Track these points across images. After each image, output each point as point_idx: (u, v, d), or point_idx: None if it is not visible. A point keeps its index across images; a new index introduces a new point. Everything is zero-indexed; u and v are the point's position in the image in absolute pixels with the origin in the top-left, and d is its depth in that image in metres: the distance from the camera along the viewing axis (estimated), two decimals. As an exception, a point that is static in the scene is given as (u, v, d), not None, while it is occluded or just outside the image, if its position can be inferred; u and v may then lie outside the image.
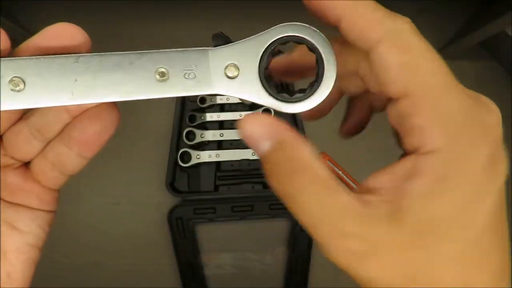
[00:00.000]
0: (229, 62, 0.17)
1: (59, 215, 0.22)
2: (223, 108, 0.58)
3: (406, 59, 0.15)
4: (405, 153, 0.16)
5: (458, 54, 0.60)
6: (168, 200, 0.55)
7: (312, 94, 0.17)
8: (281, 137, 0.16)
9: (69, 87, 0.15)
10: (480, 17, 0.56)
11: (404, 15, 0.17)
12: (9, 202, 0.19)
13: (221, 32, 0.17)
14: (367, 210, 0.15)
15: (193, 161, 0.54)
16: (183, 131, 0.55)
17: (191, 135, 0.55)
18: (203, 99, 0.56)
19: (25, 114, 0.18)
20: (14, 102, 0.15)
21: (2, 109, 0.15)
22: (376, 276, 0.14)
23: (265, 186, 0.55)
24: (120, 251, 0.55)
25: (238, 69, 0.16)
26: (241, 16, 0.62)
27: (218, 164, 0.56)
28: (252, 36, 0.17)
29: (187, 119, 0.56)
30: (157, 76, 0.16)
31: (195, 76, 0.16)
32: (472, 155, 0.14)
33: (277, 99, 0.17)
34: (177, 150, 0.55)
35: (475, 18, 0.59)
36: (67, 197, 0.55)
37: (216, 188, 0.56)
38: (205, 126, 0.57)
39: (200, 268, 0.54)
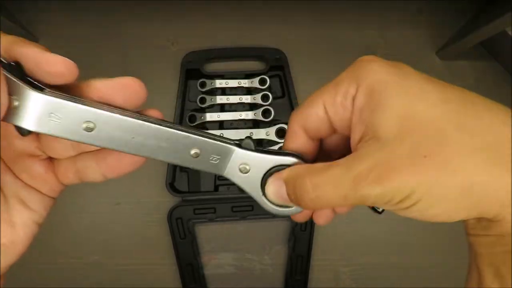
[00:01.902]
0: (244, 162, 0.22)
1: (59, 215, 0.23)
2: (223, 108, 0.58)
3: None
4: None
5: (458, 54, 0.60)
6: (168, 200, 0.55)
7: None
8: (284, 177, 0.22)
9: (127, 142, 0.19)
10: (480, 17, 0.56)
11: (404, 15, 0.17)
12: (26, 184, 0.21)
13: (250, 138, 0.22)
14: (360, 153, 0.18)
15: (193, 161, 0.54)
16: (183, 131, 0.55)
17: (191, 135, 0.55)
18: (203, 99, 0.56)
19: None
20: (82, 138, 0.19)
21: (73, 139, 0.18)
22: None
23: (265, 186, 0.55)
24: (120, 251, 0.55)
25: (249, 171, 0.22)
26: (241, 16, 0.62)
27: (218, 164, 0.56)
28: (268, 152, 0.22)
29: (187, 119, 0.56)
30: (192, 153, 0.21)
31: (218, 162, 0.21)
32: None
33: (270, 202, 0.23)
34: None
35: (475, 18, 0.59)
36: (68, 197, 0.55)
37: (216, 188, 0.56)
38: (205, 126, 0.57)
39: (200, 268, 0.54)
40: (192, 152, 0.21)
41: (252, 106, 0.58)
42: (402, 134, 0.17)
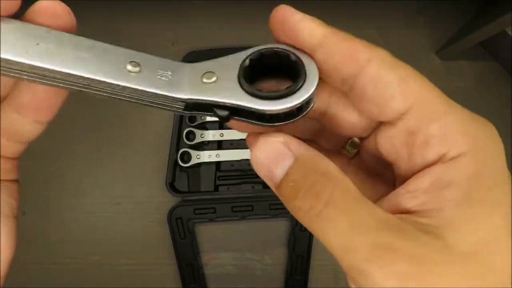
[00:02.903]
0: (207, 71, 0.16)
1: (59, 215, 0.22)
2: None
3: (402, 74, 0.15)
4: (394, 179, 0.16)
5: (458, 54, 0.59)
6: (168, 200, 0.55)
7: (297, 89, 0.15)
8: (300, 153, 0.15)
9: (26, 48, 0.15)
10: (480, 17, 0.56)
11: (404, 15, 0.17)
12: None
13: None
14: (406, 225, 0.13)
15: (193, 161, 0.54)
16: (183, 131, 0.55)
17: (191, 135, 0.55)
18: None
19: None
20: None
21: None
22: None
23: (265, 186, 0.55)
24: (120, 251, 0.55)
25: (216, 75, 0.16)
26: (241, 16, 0.62)
27: (218, 164, 0.56)
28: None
29: (187, 119, 0.56)
30: (129, 67, 0.15)
31: (169, 79, 0.16)
32: (495, 155, 0.14)
33: (257, 96, 0.15)
34: (177, 150, 0.55)
35: (475, 18, 0.59)
36: (68, 197, 0.55)
37: (216, 188, 0.55)
38: (205, 126, 0.57)
39: (200, 268, 0.54)
40: (130, 64, 0.15)
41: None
42: (473, 260, 0.13)
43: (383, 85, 0.15)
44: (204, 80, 0.16)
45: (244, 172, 0.55)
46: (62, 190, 0.55)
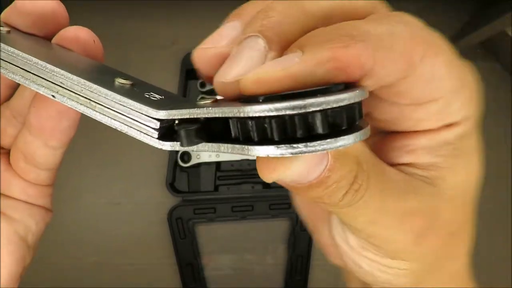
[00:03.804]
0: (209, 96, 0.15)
1: (59, 215, 0.21)
2: (223, 108, 0.58)
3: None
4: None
5: (458, 54, 0.59)
6: (168, 200, 0.55)
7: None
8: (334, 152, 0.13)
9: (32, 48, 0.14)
10: (480, 17, 0.56)
11: None
12: None
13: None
14: (415, 181, 0.15)
15: (193, 161, 0.54)
16: (183, 131, 0.55)
17: (191, 135, 0.55)
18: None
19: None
20: None
21: None
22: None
23: (265, 186, 0.55)
24: (120, 251, 0.55)
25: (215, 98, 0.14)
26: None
27: (218, 164, 0.56)
28: None
29: (187, 119, 0.56)
30: (121, 80, 0.14)
31: (157, 98, 0.14)
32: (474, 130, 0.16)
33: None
34: (177, 150, 0.55)
35: (475, 18, 0.59)
36: (67, 197, 0.55)
37: (216, 188, 0.55)
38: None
39: (200, 268, 0.54)
40: (121, 80, 0.14)
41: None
42: (456, 203, 0.16)
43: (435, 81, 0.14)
44: (199, 103, 0.14)
45: (244, 172, 0.55)
46: (62, 190, 0.55)
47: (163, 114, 0.13)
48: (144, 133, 0.14)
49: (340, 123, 0.11)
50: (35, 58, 0.14)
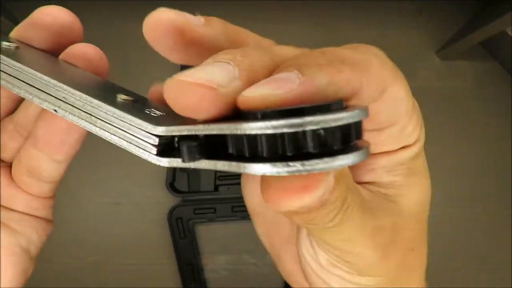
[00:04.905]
0: None
1: (58, 215, 0.21)
2: (223, 108, 0.58)
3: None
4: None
5: (458, 54, 0.59)
6: (168, 200, 0.55)
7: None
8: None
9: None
10: (480, 17, 0.56)
11: (404, 15, 0.17)
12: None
13: None
14: (381, 200, 0.16)
15: (193, 161, 0.54)
16: (183, 131, 0.55)
17: (191, 135, 0.55)
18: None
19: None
20: None
21: None
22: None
23: (265, 186, 0.55)
24: (120, 251, 0.55)
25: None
26: (240, 16, 0.62)
27: (218, 164, 0.56)
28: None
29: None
30: (122, 96, 0.15)
31: (158, 115, 0.15)
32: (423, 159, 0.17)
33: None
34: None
35: (475, 18, 0.59)
36: (67, 197, 0.55)
37: (216, 188, 0.55)
38: (205, 126, 0.56)
39: (200, 268, 0.54)
40: (123, 96, 0.15)
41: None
42: (414, 219, 0.17)
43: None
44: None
45: (244, 172, 0.55)
46: (61, 190, 0.55)
47: (161, 130, 0.13)
48: (143, 149, 0.14)
49: (334, 142, 0.10)
50: (39, 73, 0.14)
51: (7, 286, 0.17)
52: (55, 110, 0.14)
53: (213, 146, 0.12)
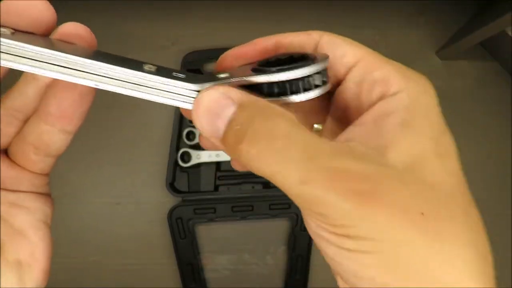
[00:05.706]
0: (222, 72, 0.19)
1: (59, 215, 0.21)
2: (223, 108, 0.58)
3: (352, 42, 0.19)
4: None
5: (458, 54, 0.59)
6: (168, 200, 0.55)
7: (302, 64, 0.17)
8: (242, 99, 0.15)
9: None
10: (480, 17, 0.56)
11: (404, 15, 0.17)
12: (3, 189, 0.18)
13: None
14: (356, 148, 0.15)
15: (193, 161, 0.54)
16: (183, 131, 0.55)
17: (191, 135, 0.55)
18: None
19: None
20: None
21: None
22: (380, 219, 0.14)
23: (265, 186, 0.55)
24: (120, 251, 0.55)
25: (229, 73, 0.18)
26: (241, 16, 0.62)
27: (218, 164, 0.56)
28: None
29: (187, 119, 0.56)
30: (146, 66, 0.17)
31: (184, 76, 0.17)
32: (428, 92, 0.17)
33: (266, 71, 0.17)
34: (177, 150, 0.55)
35: (475, 18, 0.59)
36: (68, 197, 0.55)
37: (216, 188, 0.55)
38: (205, 126, 0.56)
39: (200, 268, 0.54)
40: (146, 66, 0.17)
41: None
42: (410, 174, 0.15)
43: (336, 46, 0.18)
44: (219, 75, 0.18)
45: (244, 172, 0.55)
46: (62, 190, 0.55)
47: (198, 87, 0.17)
48: (187, 102, 0.17)
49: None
50: (71, 55, 0.15)
51: (42, 260, 0.17)
52: (96, 85, 0.16)
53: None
